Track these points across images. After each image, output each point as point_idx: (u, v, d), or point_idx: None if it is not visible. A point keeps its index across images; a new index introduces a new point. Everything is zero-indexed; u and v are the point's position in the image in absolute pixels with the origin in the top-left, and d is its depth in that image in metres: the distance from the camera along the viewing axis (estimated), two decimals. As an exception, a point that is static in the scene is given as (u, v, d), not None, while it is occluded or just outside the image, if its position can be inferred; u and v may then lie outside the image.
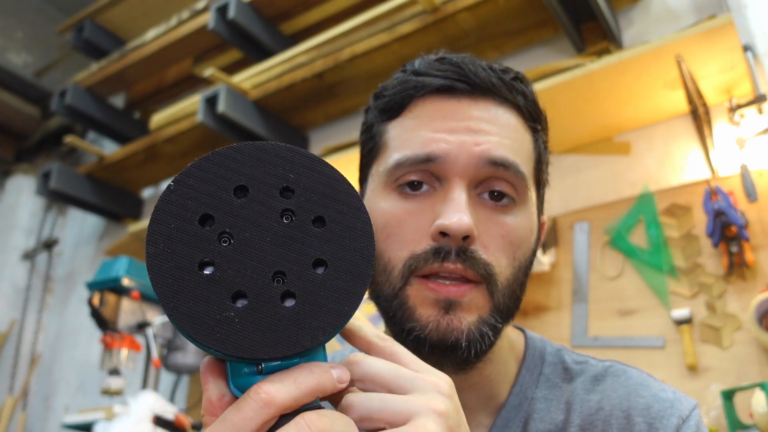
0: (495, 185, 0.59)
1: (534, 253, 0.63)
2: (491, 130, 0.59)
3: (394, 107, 0.63)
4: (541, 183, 0.66)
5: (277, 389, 0.35)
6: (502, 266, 0.58)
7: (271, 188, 0.38)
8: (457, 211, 0.56)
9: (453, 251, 0.56)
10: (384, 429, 0.38)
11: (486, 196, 0.59)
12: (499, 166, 0.58)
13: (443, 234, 0.56)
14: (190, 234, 0.37)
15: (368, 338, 0.43)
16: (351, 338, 0.44)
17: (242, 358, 0.36)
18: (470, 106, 0.60)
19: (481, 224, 0.58)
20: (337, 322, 0.38)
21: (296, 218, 0.38)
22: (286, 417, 0.36)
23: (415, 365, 0.42)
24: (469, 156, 0.58)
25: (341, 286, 0.38)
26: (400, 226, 0.59)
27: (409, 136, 0.61)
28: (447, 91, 0.61)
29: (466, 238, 0.56)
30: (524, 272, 0.61)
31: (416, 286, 0.57)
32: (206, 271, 0.36)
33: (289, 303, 0.37)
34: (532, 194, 0.63)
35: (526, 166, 0.61)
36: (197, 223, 0.37)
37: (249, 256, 0.37)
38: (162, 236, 0.36)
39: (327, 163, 0.40)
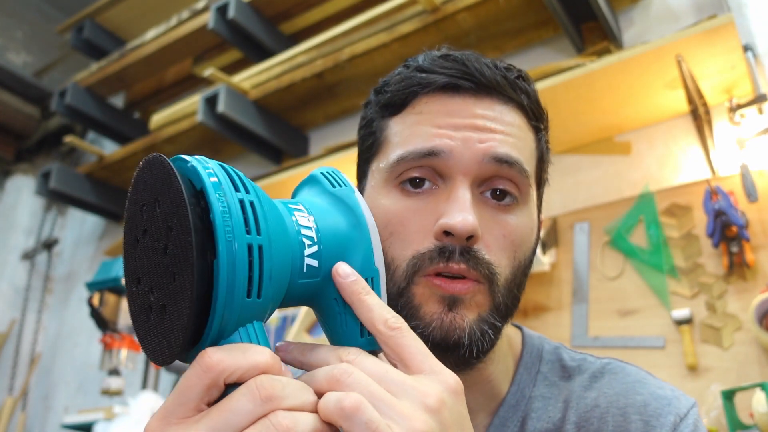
0: (498, 184, 0.59)
1: (533, 252, 0.63)
2: (495, 128, 0.59)
3: (396, 103, 0.63)
4: (541, 182, 0.66)
5: (220, 356, 0.35)
6: (502, 266, 0.58)
7: (150, 202, 0.39)
8: (461, 211, 0.55)
9: (457, 251, 0.56)
10: None
11: (488, 194, 0.59)
12: (504, 163, 0.58)
13: (447, 233, 0.56)
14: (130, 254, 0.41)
15: (375, 324, 0.41)
16: (360, 315, 0.42)
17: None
18: (474, 105, 0.60)
19: (483, 224, 0.57)
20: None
21: (156, 242, 0.38)
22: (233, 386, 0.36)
23: (417, 363, 0.40)
24: (474, 153, 0.58)
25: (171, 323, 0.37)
26: (403, 224, 0.58)
27: (412, 131, 0.60)
28: (451, 89, 0.60)
29: (470, 237, 0.56)
30: (523, 272, 0.61)
31: (422, 284, 0.57)
32: (139, 287, 0.39)
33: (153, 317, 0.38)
34: (534, 193, 0.63)
35: (529, 165, 0.61)
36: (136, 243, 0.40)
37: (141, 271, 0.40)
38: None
39: (172, 168, 0.38)
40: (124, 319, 1.94)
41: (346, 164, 1.76)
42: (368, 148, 0.65)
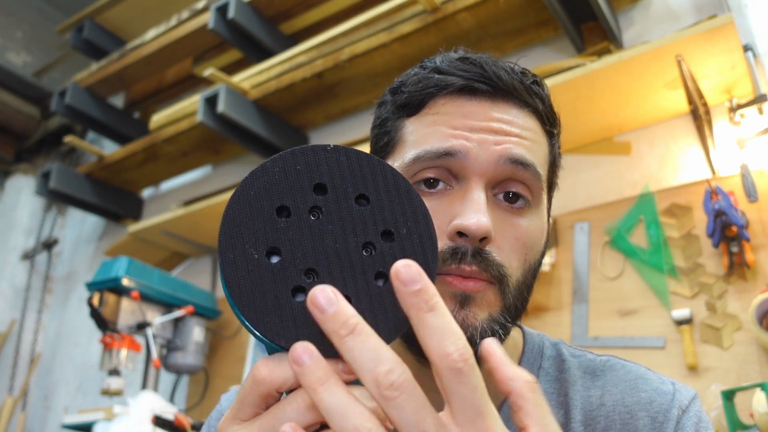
0: (511, 186, 0.59)
1: (543, 256, 0.64)
2: (511, 131, 0.60)
3: (413, 104, 0.63)
4: (552, 186, 0.67)
5: (269, 369, 0.36)
6: (513, 268, 0.58)
7: (348, 194, 0.39)
8: (476, 212, 0.55)
9: (469, 252, 0.56)
10: None
11: (501, 197, 0.60)
12: (519, 165, 0.58)
13: (460, 234, 0.56)
14: (266, 221, 0.37)
15: (439, 355, 0.35)
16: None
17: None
18: (491, 108, 0.61)
19: (496, 226, 0.58)
20: (393, 335, 0.37)
21: (365, 229, 0.38)
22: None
23: (466, 420, 0.36)
24: (490, 154, 0.58)
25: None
26: None
27: (428, 131, 0.60)
28: (468, 91, 0.61)
29: (484, 239, 0.56)
30: (533, 274, 0.62)
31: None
32: (273, 260, 0.37)
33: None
34: (545, 197, 0.64)
35: (543, 169, 0.62)
36: (275, 213, 0.37)
37: (315, 256, 0.37)
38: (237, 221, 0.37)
39: (404, 179, 0.40)
40: (124, 319, 1.94)
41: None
42: (382, 147, 0.66)
